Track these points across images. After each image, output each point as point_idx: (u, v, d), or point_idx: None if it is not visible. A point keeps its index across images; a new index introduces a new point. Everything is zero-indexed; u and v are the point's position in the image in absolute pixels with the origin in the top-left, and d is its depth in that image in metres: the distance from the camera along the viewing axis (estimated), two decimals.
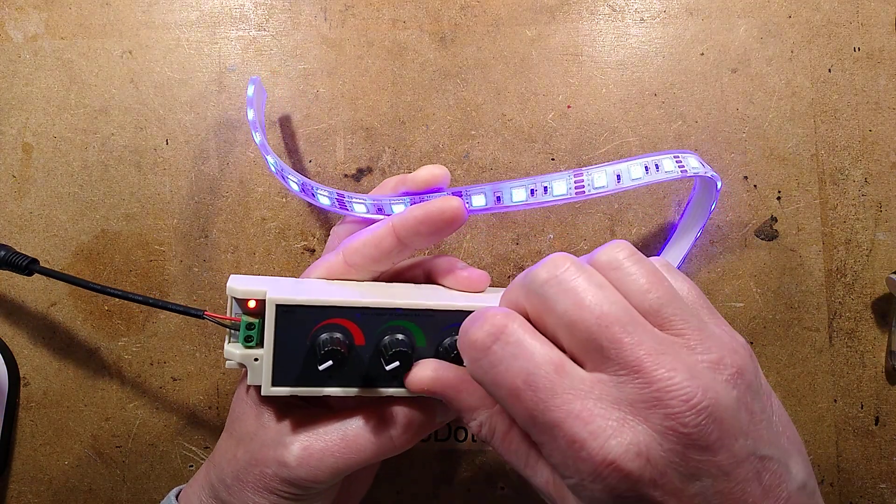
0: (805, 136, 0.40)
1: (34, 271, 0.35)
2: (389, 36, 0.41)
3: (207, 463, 0.31)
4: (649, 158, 0.32)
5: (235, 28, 0.41)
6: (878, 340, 0.40)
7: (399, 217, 0.29)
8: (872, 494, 0.40)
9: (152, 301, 0.32)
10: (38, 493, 0.40)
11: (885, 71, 0.40)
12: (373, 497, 0.40)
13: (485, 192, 0.31)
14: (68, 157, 0.40)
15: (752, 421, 0.21)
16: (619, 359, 0.21)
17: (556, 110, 0.40)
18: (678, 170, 0.33)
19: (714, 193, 0.36)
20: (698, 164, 0.34)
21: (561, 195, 0.31)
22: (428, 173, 0.30)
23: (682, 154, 0.33)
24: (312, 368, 0.27)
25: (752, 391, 0.22)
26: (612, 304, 0.22)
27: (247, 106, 0.36)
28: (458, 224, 0.29)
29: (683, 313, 0.22)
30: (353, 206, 0.32)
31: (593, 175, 0.31)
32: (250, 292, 0.27)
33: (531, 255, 0.40)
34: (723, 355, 0.21)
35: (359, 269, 0.30)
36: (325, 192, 0.33)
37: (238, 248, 0.40)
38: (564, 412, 0.21)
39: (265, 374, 0.27)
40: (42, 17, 0.41)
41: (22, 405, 0.40)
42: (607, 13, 0.41)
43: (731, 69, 0.40)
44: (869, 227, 0.40)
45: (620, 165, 0.32)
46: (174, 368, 0.40)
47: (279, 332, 0.27)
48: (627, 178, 0.31)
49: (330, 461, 0.28)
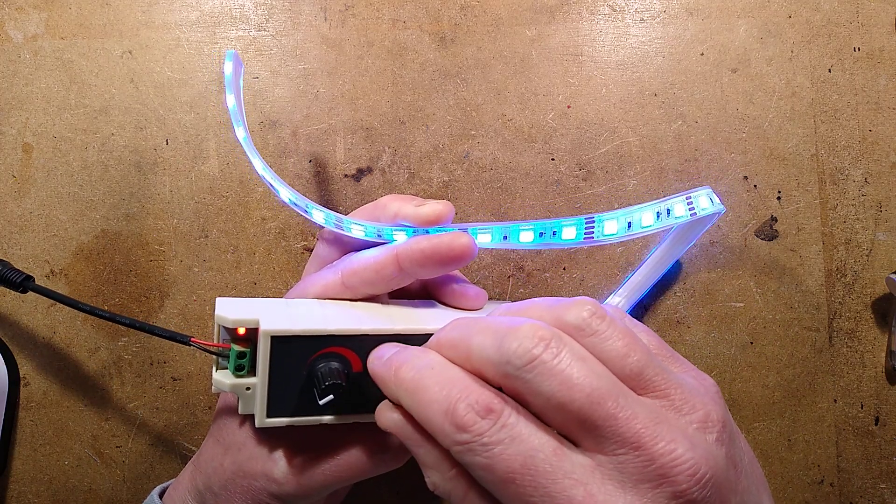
0: (805, 136, 0.40)
1: (28, 289, 0.35)
2: (389, 36, 0.41)
3: (193, 466, 0.31)
4: (662, 204, 0.31)
5: (235, 28, 0.41)
6: (878, 340, 0.40)
7: (404, 248, 0.28)
8: (872, 494, 0.40)
9: (139, 325, 0.30)
10: (38, 493, 0.40)
11: (885, 71, 0.40)
12: (373, 497, 0.40)
13: (492, 232, 0.30)
14: (68, 157, 0.40)
15: (736, 475, 0.21)
16: (615, 436, 0.20)
17: (556, 110, 0.40)
18: (689, 214, 0.32)
19: (714, 218, 0.36)
20: (708, 203, 0.32)
21: (569, 240, 0.30)
22: (432, 211, 0.29)
23: (695, 193, 0.32)
24: (309, 398, 0.26)
25: (732, 441, 0.21)
26: (599, 377, 0.20)
27: (225, 90, 0.34)
28: (465, 261, 0.28)
29: (662, 372, 0.22)
30: (352, 230, 0.31)
31: (605, 223, 0.30)
32: (241, 321, 0.26)
33: (531, 255, 0.40)
34: (707, 411, 0.21)
35: (355, 292, 0.30)
36: (321, 213, 0.32)
37: (238, 248, 0.40)
38: (568, 498, 0.19)
39: (259, 405, 0.26)
40: (42, 17, 0.41)
41: (22, 405, 0.40)
42: (607, 13, 0.41)
43: (731, 69, 0.40)
44: (869, 227, 0.40)
45: (633, 213, 0.31)
46: (174, 368, 0.40)
47: (274, 363, 0.25)
48: (638, 226, 0.31)
49: (319, 478, 0.27)
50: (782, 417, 0.40)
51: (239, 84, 0.36)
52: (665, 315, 0.40)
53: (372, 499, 0.40)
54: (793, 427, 0.40)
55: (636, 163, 0.40)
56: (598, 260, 0.40)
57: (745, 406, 0.40)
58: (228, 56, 0.34)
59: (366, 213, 0.32)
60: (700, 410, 0.21)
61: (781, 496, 0.40)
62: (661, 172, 0.40)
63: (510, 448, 0.20)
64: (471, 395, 0.21)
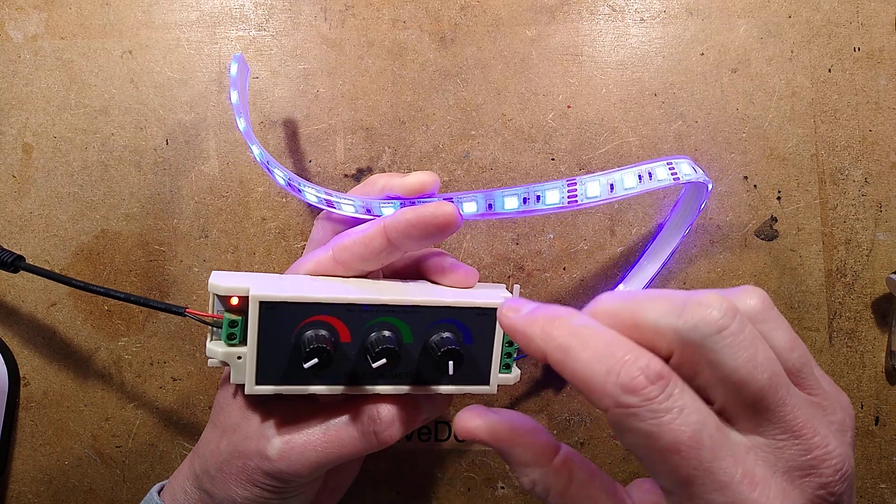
0: (805, 136, 0.40)
1: (20, 268, 0.34)
2: (389, 36, 0.41)
3: (192, 454, 0.31)
4: (643, 167, 0.32)
5: (235, 28, 0.41)
6: (878, 340, 0.40)
7: (391, 219, 0.29)
8: (872, 494, 0.40)
9: (133, 298, 0.31)
10: (38, 493, 0.40)
11: (885, 71, 0.40)
12: (373, 497, 0.40)
13: (476, 199, 0.30)
14: (68, 157, 0.40)
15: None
16: (781, 423, 0.20)
17: (556, 110, 0.40)
18: (671, 178, 0.32)
19: (704, 195, 0.36)
20: (691, 171, 0.33)
21: (553, 204, 0.31)
22: (416, 180, 0.30)
23: (676, 160, 0.33)
24: (297, 366, 0.27)
25: (853, 447, 0.23)
26: (775, 363, 0.21)
27: (230, 87, 0.35)
28: (451, 230, 0.29)
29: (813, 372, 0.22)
30: (342, 206, 0.32)
31: (587, 185, 0.31)
32: (233, 289, 0.26)
33: (531, 255, 0.40)
34: (844, 417, 0.22)
35: (347, 267, 0.30)
36: (313, 190, 0.32)
37: (238, 248, 0.40)
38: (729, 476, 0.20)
39: (249, 372, 0.27)
40: (42, 17, 0.41)
41: (22, 405, 0.40)
42: (607, 13, 0.41)
43: (731, 69, 0.40)
44: (869, 227, 0.40)
45: (614, 175, 0.31)
46: (174, 368, 0.40)
47: (263, 329, 0.26)
48: (620, 188, 0.31)
49: (312, 456, 0.28)
50: None
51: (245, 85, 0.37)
52: None
53: (372, 499, 0.40)
54: None
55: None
56: (598, 260, 0.40)
57: None
58: (234, 59, 0.35)
59: (356, 193, 0.33)
60: (840, 413, 0.22)
61: None
62: None
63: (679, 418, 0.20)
64: (640, 358, 0.21)
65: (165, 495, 0.31)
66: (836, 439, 0.21)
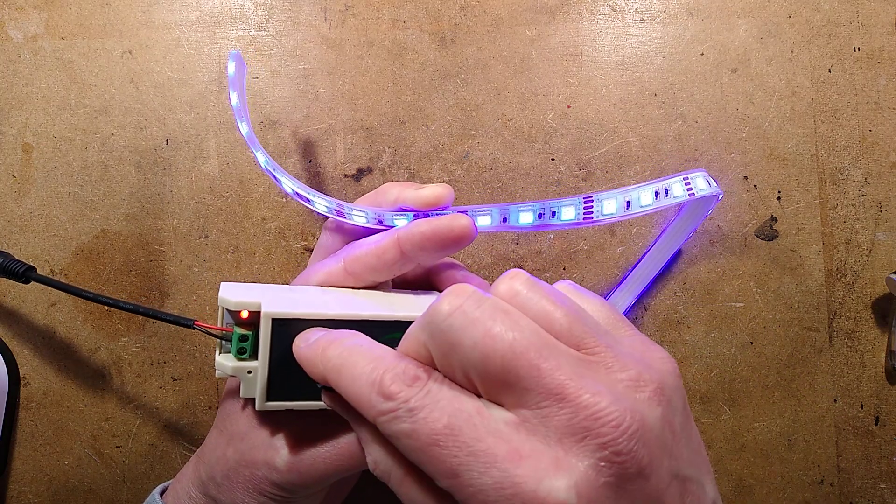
0: (805, 136, 0.40)
1: (31, 279, 0.35)
2: (389, 36, 0.41)
3: (196, 458, 0.31)
4: (660, 183, 0.32)
5: (235, 28, 0.41)
6: (878, 340, 0.40)
7: (405, 231, 0.28)
8: (872, 494, 0.40)
9: (142, 310, 0.31)
10: (38, 493, 0.40)
11: (885, 71, 0.40)
12: (373, 497, 0.40)
13: (491, 213, 0.30)
14: (68, 157, 0.40)
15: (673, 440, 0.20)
16: (539, 387, 0.19)
17: (556, 110, 0.41)
18: (686, 194, 0.32)
19: (712, 203, 0.36)
20: (706, 185, 0.33)
21: (569, 220, 0.30)
22: (432, 193, 0.29)
23: (692, 174, 0.33)
24: (309, 382, 0.26)
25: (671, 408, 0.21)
26: (522, 329, 0.20)
27: (229, 88, 0.34)
28: (465, 243, 0.28)
29: (594, 331, 0.21)
30: (353, 216, 0.32)
31: (603, 202, 0.31)
32: (244, 304, 0.26)
33: (531, 254, 0.40)
34: (640, 371, 0.21)
35: (358, 279, 0.30)
36: (323, 200, 0.32)
37: (238, 248, 0.40)
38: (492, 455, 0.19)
39: (259, 388, 0.26)
40: (42, 17, 0.41)
41: (22, 405, 0.40)
42: (607, 13, 0.41)
43: (731, 69, 0.41)
44: (869, 227, 0.40)
45: (631, 192, 0.31)
46: (174, 368, 0.40)
47: (275, 346, 0.26)
48: (637, 205, 0.31)
49: (321, 467, 0.27)
50: (782, 417, 0.40)
51: (243, 84, 0.36)
52: (665, 315, 0.40)
53: (372, 499, 0.40)
54: (793, 427, 0.40)
55: (636, 163, 0.40)
56: (598, 260, 0.40)
57: (745, 406, 0.40)
58: (231, 57, 0.35)
59: (367, 201, 0.32)
60: (632, 370, 0.21)
61: (781, 496, 0.40)
62: (661, 172, 0.40)
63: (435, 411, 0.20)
64: (398, 366, 0.21)
65: (168, 498, 0.31)
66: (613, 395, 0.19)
